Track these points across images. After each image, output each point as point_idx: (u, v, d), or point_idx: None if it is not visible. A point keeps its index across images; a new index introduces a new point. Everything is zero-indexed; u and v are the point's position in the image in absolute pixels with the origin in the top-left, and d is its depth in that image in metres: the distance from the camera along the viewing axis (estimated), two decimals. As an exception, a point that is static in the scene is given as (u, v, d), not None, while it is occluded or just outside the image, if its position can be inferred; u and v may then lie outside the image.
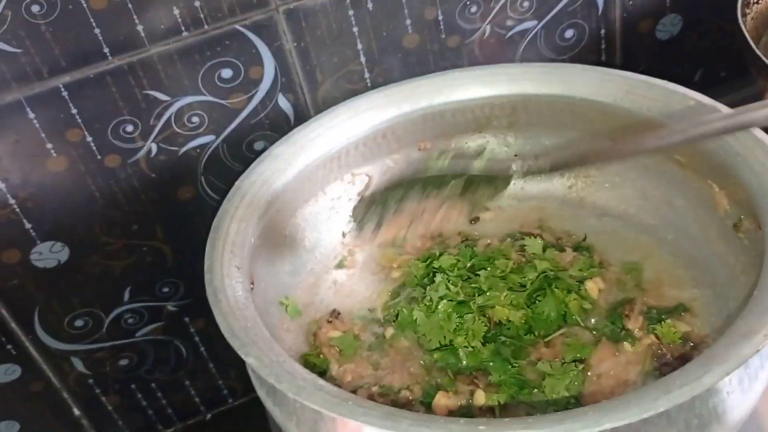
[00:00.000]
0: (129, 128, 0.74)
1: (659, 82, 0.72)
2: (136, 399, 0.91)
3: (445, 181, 0.65)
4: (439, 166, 0.65)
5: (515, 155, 0.80)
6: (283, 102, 0.78)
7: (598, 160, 0.70)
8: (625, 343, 0.65)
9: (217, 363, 0.92)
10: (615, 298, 0.69)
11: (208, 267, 0.63)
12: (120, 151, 0.75)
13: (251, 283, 0.67)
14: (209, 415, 0.97)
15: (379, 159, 0.79)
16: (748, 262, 0.64)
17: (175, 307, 0.86)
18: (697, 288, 0.68)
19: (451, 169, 0.65)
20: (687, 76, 0.96)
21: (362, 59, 0.79)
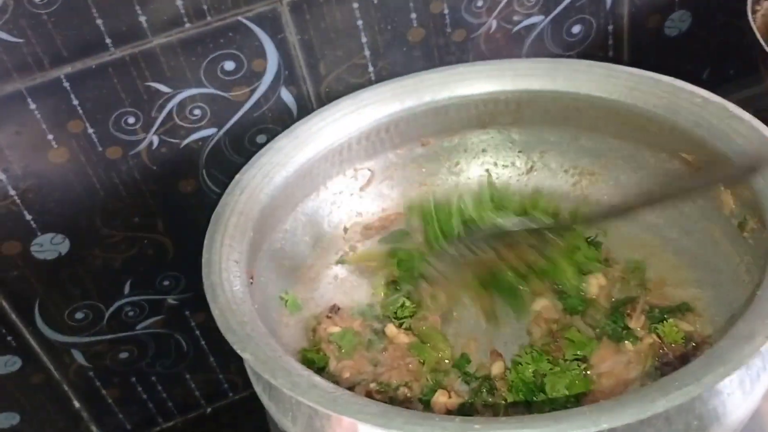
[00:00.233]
0: (131, 120, 0.73)
1: (666, 78, 0.71)
2: (136, 392, 0.91)
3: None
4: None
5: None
6: (286, 95, 0.78)
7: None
8: (626, 342, 0.64)
9: (218, 357, 0.92)
10: (617, 297, 0.68)
11: (206, 261, 0.62)
12: (121, 142, 0.74)
13: (251, 278, 0.66)
14: (209, 409, 0.96)
15: (382, 154, 0.78)
16: (753, 262, 0.63)
17: (175, 301, 0.86)
18: (701, 288, 0.67)
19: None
20: (695, 73, 0.94)
21: (366, 53, 0.79)
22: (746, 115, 0.65)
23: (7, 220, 0.74)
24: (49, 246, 0.77)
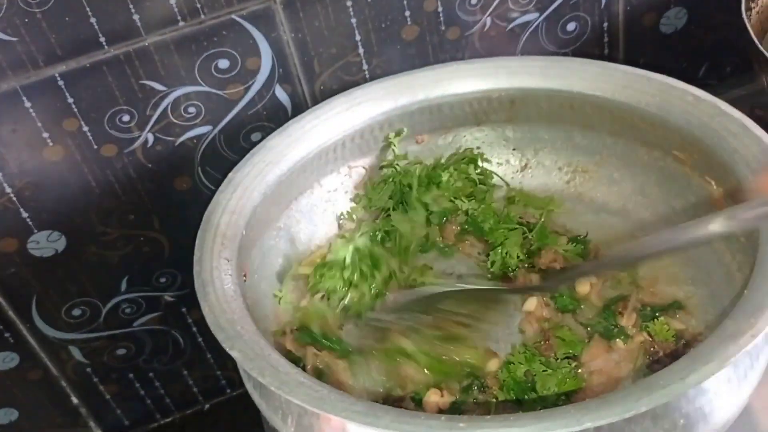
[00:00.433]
0: (125, 118, 0.74)
1: (658, 76, 0.71)
2: (134, 388, 0.91)
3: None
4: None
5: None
6: (281, 93, 0.78)
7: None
8: (617, 340, 0.65)
9: (215, 353, 0.92)
10: (609, 295, 0.68)
11: (197, 259, 0.63)
12: (116, 140, 0.75)
13: (244, 275, 0.67)
14: (207, 405, 0.97)
15: (376, 152, 0.78)
16: (744, 261, 0.63)
17: (172, 298, 0.86)
18: (693, 286, 0.67)
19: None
20: (691, 70, 0.94)
21: (360, 51, 0.79)
22: (737, 113, 0.65)
23: (3, 218, 0.74)
24: (46, 243, 0.77)
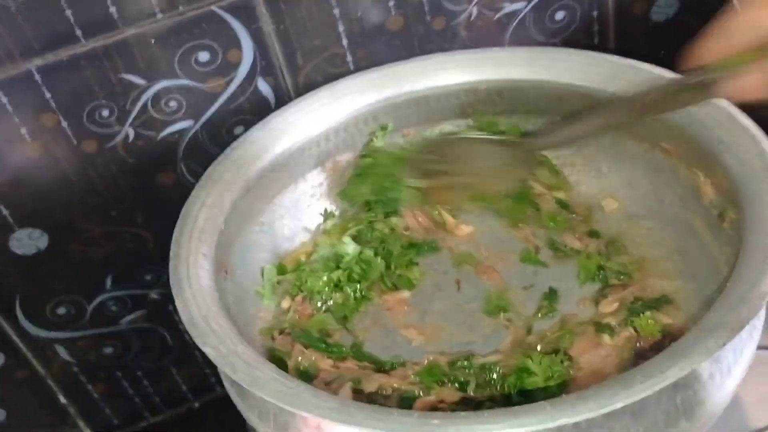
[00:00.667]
0: (105, 113, 0.73)
1: (645, 66, 0.70)
2: (122, 387, 0.90)
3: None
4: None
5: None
6: (263, 86, 0.77)
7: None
8: (604, 335, 0.63)
9: (203, 352, 0.91)
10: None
11: (173, 254, 0.62)
12: (96, 136, 0.73)
13: (225, 271, 0.66)
14: (197, 404, 0.96)
15: (361, 145, 0.77)
16: (732, 254, 0.61)
17: (158, 295, 0.85)
18: (681, 279, 0.66)
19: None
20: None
21: (344, 42, 0.77)
22: (724, 103, 0.63)
23: (-18, 216, 0.73)
24: (28, 241, 0.76)
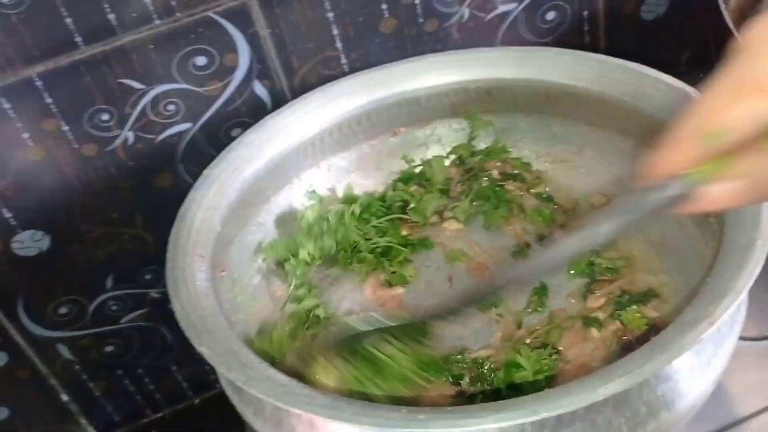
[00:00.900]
0: (105, 117, 0.74)
1: (633, 65, 0.71)
2: (123, 385, 0.92)
3: None
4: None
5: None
6: (260, 89, 0.78)
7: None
8: (592, 328, 0.65)
9: (201, 350, 0.93)
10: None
11: (170, 256, 0.63)
12: (97, 139, 0.75)
13: (222, 272, 0.67)
14: (198, 400, 0.97)
15: (355, 145, 0.79)
16: (718, 248, 0.63)
17: (158, 294, 0.86)
18: (668, 273, 0.67)
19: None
20: (675, 57, 0.94)
21: (338, 45, 0.79)
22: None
23: (-14, 218, 0.75)
24: (30, 243, 0.78)
